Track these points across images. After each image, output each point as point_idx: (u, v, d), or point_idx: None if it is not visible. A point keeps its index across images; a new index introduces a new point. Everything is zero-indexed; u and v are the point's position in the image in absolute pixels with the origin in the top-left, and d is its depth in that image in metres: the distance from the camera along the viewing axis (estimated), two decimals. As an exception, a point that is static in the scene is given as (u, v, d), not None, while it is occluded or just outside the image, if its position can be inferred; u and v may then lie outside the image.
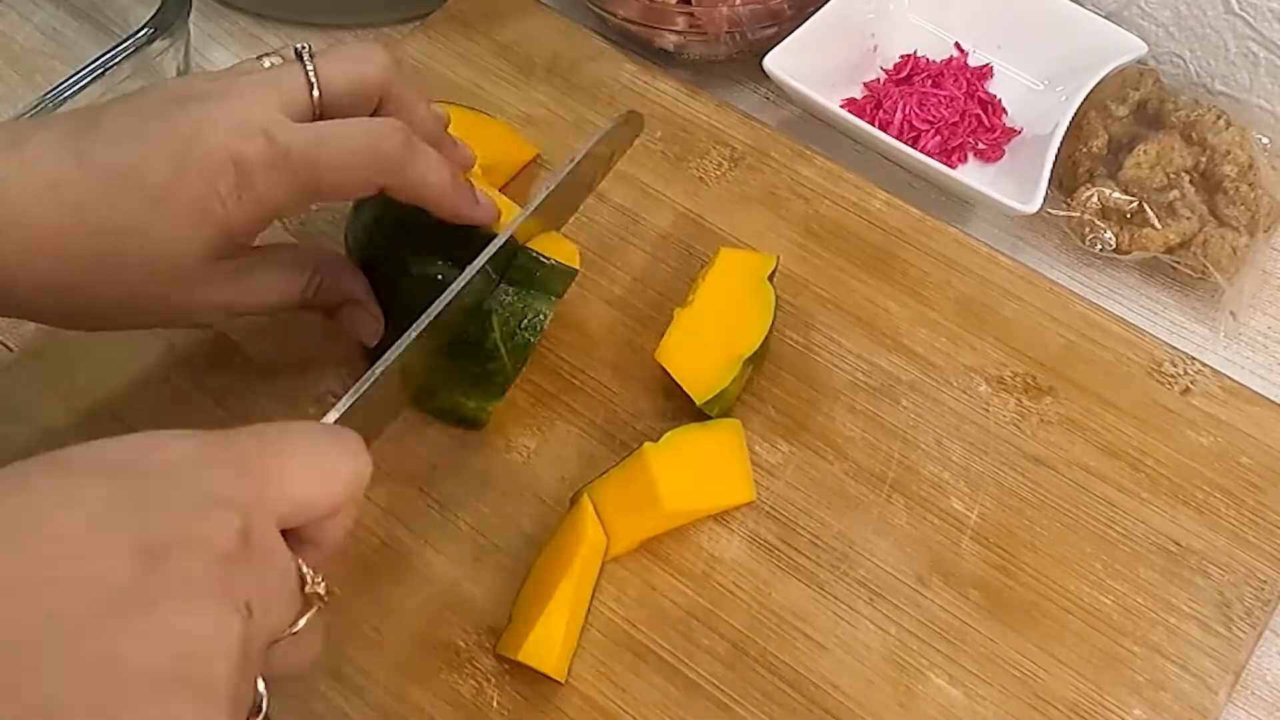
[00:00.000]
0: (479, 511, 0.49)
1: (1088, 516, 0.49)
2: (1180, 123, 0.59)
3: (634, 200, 0.57)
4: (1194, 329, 0.57)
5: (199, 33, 0.66)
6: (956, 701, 0.45)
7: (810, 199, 0.58)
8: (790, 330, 0.53)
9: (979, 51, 0.64)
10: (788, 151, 0.59)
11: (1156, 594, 0.47)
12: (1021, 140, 0.61)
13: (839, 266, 0.55)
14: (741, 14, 0.60)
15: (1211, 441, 0.50)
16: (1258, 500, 0.49)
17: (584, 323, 0.54)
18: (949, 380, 0.52)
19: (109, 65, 0.55)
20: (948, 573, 0.47)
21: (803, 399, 0.52)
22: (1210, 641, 0.46)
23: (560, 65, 0.62)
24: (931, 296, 0.54)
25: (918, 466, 0.50)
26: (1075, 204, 0.58)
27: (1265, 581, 0.47)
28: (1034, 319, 0.54)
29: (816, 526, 0.48)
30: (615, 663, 0.45)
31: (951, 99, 0.61)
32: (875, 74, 0.64)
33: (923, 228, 0.56)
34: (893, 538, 0.48)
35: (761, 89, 0.66)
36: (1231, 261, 0.56)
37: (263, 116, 0.41)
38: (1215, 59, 0.62)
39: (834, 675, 0.45)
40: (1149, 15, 0.63)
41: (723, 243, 0.56)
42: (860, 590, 0.47)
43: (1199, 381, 0.52)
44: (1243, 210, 0.57)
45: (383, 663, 0.45)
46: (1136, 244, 0.57)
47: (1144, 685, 0.45)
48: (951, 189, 0.58)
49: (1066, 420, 0.51)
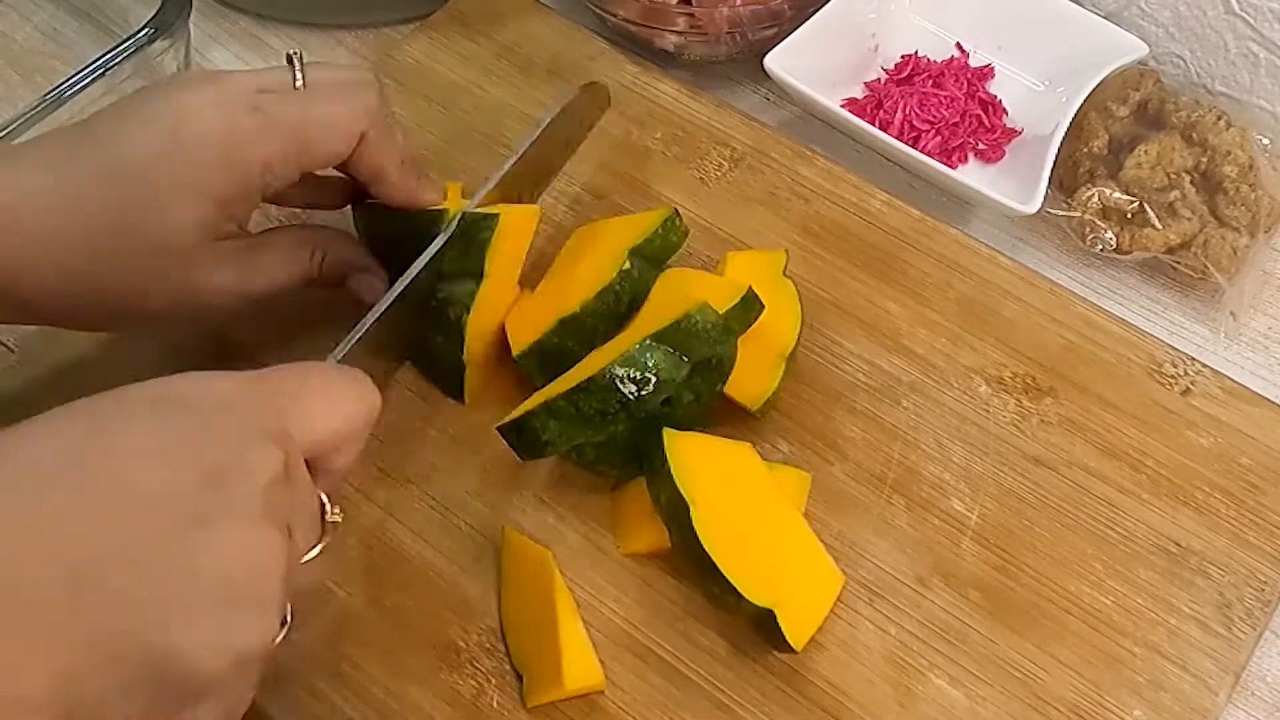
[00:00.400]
0: (479, 512, 0.49)
1: (1088, 517, 0.49)
2: (1181, 123, 0.59)
3: (635, 200, 0.57)
4: (1194, 329, 0.57)
5: (199, 33, 0.66)
6: (956, 702, 0.45)
7: (810, 199, 0.57)
8: (790, 330, 0.54)
9: (980, 52, 0.64)
10: (788, 152, 0.59)
11: (1157, 595, 0.47)
12: (1022, 141, 0.61)
13: (839, 267, 0.55)
14: (742, 14, 0.60)
15: (1212, 442, 0.50)
16: (1258, 501, 0.49)
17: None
18: (949, 381, 0.52)
19: (109, 65, 0.55)
20: (948, 573, 0.47)
21: (803, 399, 0.52)
22: (1210, 642, 0.46)
23: (561, 66, 0.62)
24: (932, 297, 0.54)
25: (918, 467, 0.50)
26: (1076, 204, 0.58)
27: (1265, 582, 0.47)
28: (1034, 319, 0.54)
29: (817, 527, 0.48)
30: (615, 663, 0.45)
31: (952, 99, 0.61)
32: (876, 74, 0.64)
33: (923, 228, 0.56)
34: (893, 538, 0.48)
35: (762, 89, 0.65)
36: (1232, 262, 0.56)
37: (246, 93, 0.42)
38: (1215, 59, 0.62)
39: (834, 675, 0.45)
40: (1149, 16, 0.63)
41: (723, 243, 0.56)
42: (860, 590, 0.47)
43: (1199, 382, 0.52)
44: (1243, 211, 0.57)
45: (383, 663, 0.45)
46: (1137, 244, 0.57)
47: (1144, 686, 0.45)
48: (952, 189, 0.58)
49: (1067, 421, 0.51)
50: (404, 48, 0.63)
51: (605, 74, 0.62)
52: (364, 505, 0.49)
